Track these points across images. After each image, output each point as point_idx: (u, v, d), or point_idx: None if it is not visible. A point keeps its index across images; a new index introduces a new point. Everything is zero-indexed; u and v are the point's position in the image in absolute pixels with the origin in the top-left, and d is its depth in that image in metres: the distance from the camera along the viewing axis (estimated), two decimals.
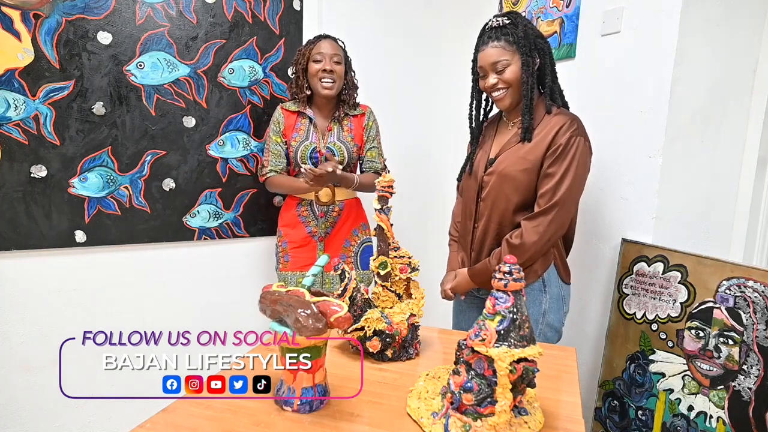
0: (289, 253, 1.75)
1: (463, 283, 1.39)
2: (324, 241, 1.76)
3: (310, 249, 1.75)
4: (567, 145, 1.22)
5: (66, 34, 1.52)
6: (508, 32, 1.26)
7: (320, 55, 1.65)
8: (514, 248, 1.26)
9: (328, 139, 1.72)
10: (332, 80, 1.66)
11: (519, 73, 1.26)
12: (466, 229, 1.42)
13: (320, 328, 0.77)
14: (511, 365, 0.71)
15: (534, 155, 1.26)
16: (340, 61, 1.68)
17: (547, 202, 1.23)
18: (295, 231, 1.75)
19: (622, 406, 1.52)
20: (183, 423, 0.80)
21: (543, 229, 1.23)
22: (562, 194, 1.22)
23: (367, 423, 0.81)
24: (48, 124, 1.53)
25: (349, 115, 1.76)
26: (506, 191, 1.29)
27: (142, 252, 1.75)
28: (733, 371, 1.25)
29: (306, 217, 1.74)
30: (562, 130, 1.23)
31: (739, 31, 1.48)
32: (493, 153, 1.37)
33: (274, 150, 1.72)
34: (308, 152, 1.69)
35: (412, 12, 2.21)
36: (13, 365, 1.58)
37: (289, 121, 1.72)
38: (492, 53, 1.26)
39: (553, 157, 1.23)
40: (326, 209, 1.73)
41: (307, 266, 1.70)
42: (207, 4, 1.72)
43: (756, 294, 1.22)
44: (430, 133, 2.36)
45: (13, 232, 1.52)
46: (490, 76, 1.29)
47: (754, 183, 1.54)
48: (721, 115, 1.52)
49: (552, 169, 1.23)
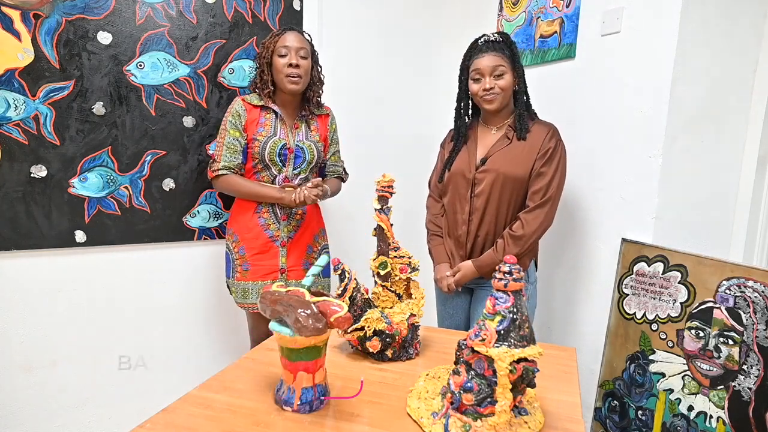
0: (249, 261, 1.60)
1: (468, 275, 1.50)
2: (287, 246, 1.63)
3: (272, 255, 1.62)
4: (555, 149, 1.44)
5: (66, 34, 1.52)
6: (503, 47, 1.45)
7: (285, 49, 1.55)
8: (517, 239, 1.43)
9: (297, 137, 1.63)
10: (298, 75, 1.56)
11: (512, 83, 1.45)
12: (458, 222, 1.54)
13: (320, 328, 0.77)
14: (511, 365, 0.71)
15: (527, 156, 1.44)
16: (306, 56, 1.58)
17: (541, 198, 1.42)
18: (252, 236, 1.60)
19: (622, 406, 1.52)
20: (183, 423, 0.80)
21: (541, 220, 1.42)
22: (553, 190, 1.43)
23: (367, 423, 0.81)
24: (48, 124, 1.53)
25: (314, 114, 1.69)
26: (502, 187, 1.45)
27: (142, 252, 1.75)
28: (733, 371, 1.25)
29: (266, 219, 1.61)
30: (548, 136, 1.45)
31: (739, 31, 1.49)
32: (481, 153, 1.52)
33: (230, 144, 1.58)
34: (277, 148, 1.58)
35: (412, 12, 2.21)
36: (13, 365, 1.58)
37: (252, 116, 1.59)
38: (493, 59, 1.43)
39: (544, 159, 1.43)
40: (289, 212, 1.62)
41: (270, 275, 1.61)
42: (207, 4, 1.72)
43: (756, 294, 1.22)
44: (429, 132, 2.35)
45: (13, 232, 1.52)
46: (487, 79, 1.44)
47: (754, 183, 1.54)
48: (721, 115, 1.52)
49: (543, 169, 1.43)
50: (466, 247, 1.53)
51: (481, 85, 1.45)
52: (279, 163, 1.60)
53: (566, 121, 1.59)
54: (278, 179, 1.61)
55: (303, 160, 1.63)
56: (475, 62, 1.45)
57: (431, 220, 1.64)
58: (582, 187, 1.72)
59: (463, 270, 1.50)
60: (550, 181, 1.42)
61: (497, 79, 1.43)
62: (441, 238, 1.60)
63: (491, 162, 1.47)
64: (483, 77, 1.44)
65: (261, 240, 1.61)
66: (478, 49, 1.46)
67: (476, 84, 1.47)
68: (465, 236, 1.52)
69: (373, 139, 2.19)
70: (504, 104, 1.48)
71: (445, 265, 1.56)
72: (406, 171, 2.21)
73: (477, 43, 1.48)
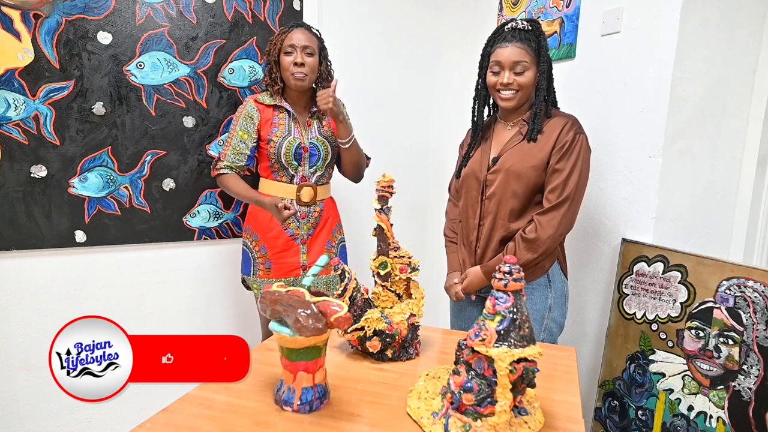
0: (271, 259, 1.64)
1: (476, 282, 1.39)
2: (307, 243, 1.66)
3: (293, 253, 1.65)
4: (573, 142, 1.28)
5: (66, 34, 1.52)
6: (530, 38, 1.30)
7: (291, 47, 1.56)
8: (530, 243, 1.28)
9: (310, 135, 1.64)
10: (303, 74, 1.56)
11: (533, 80, 1.31)
12: (469, 228, 1.43)
13: (320, 328, 0.77)
14: (511, 365, 0.71)
15: (541, 152, 1.30)
16: (312, 53, 1.58)
17: (558, 197, 1.27)
18: (274, 235, 1.63)
19: (622, 406, 1.52)
20: (183, 423, 0.80)
21: (557, 222, 1.27)
22: (571, 189, 1.26)
23: (367, 423, 0.81)
24: (48, 124, 1.53)
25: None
26: (514, 188, 1.32)
27: (142, 252, 1.75)
28: (733, 371, 1.25)
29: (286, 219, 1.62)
30: (565, 128, 1.29)
31: (739, 31, 1.48)
32: (494, 153, 1.40)
33: (237, 146, 1.59)
34: (293, 149, 1.59)
35: (412, 11, 2.21)
36: (13, 365, 1.58)
37: (266, 115, 1.61)
38: (515, 52, 1.29)
39: (560, 154, 1.28)
40: (308, 210, 1.65)
41: (292, 272, 1.65)
42: (207, 4, 1.72)
43: (756, 294, 1.22)
44: (430, 132, 2.36)
45: (13, 232, 1.52)
46: (506, 74, 1.31)
47: (754, 183, 1.54)
48: (721, 115, 1.52)
49: (560, 164, 1.28)
50: (476, 254, 1.41)
51: (498, 78, 1.32)
52: (295, 163, 1.62)
53: None
54: (296, 178, 1.63)
55: (318, 157, 1.65)
56: (497, 52, 1.31)
57: (448, 226, 1.55)
58: None
59: (470, 276, 1.39)
60: (567, 178, 1.26)
61: (517, 75, 1.30)
62: (455, 245, 1.50)
63: (502, 161, 1.35)
64: (503, 70, 1.31)
65: (282, 239, 1.63)
66: (503, 37, 1.32)
67: (494, 76, 1.33)
68: (475, 242, 1.40)
69: (373, 139, 2.18)
70: (522, 102, 1.35)
71: (455, 273, 1.47)
72: (407, 170, 2.21)
73: (503, 29, 1.34)
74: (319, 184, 1.67)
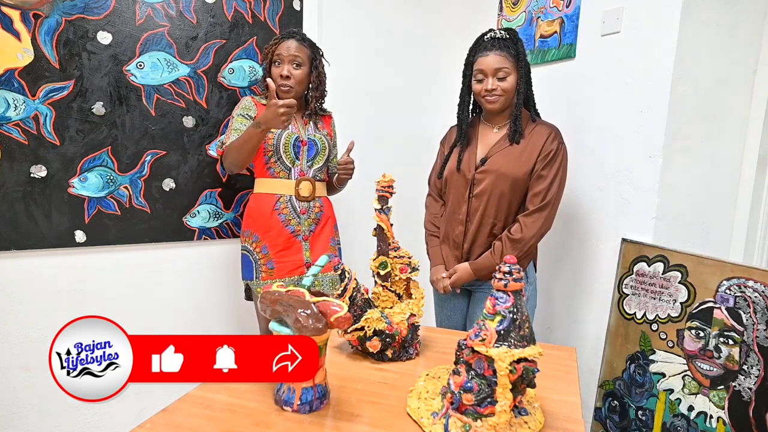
0: (273, 259, 1.60)
1: (465, 277, 1.49)
2: (309, 240, 1.64)
3: (295, 251, 1.62)
4: (557, 152, 1.41)
5: (66, 34, 1.52)
6: (509, 45, 1.41)
7: (279, 58, 1.57)
8: (515, 242, 1.41)
9: (308, 131, 1.65)
10: (289, 86, 1.57)
11: (515, 84, 1.42)
12: (453, 224, 1.52)
13: (320, 328, 0.77)
14: (511, 365, 0.71)
15: (528, 157, 1.42)
16: (301, 63, 1.58)
17: (541, 201, 1.40)
18: (275, 233, 1.60)
19: (622, 406, 1.52)
20: (183, 423, 0.80)
21: (540, 224, 1.40)
22: (553, 194, 1.41)
23: (367, 423, 0.81)
24: (48, 124, 1.53)
25: (318, 114, 1.71)
26: (502, 188, 1.43)
27: (142, 252, 1.75)
28: (734, 371, 1.25)
29: (286, 215, 1.60)
30: (550, 138, 1.42)
31: (739, 31, 1.48)
32: (481, 153, 1.49)
33: (238, 128, 1.57)
34: (292, 140, 1.59)
35: (412, 11, 2.21)
36: (13, 365, 1.58)
37: (262, 111, 1.56)
38: (496, 59, 1.39)
39: (545, 161, 1.41)
40: (308, 205, 1.62)
41: (296, 270, 1.62)
42: (207, 4, 1.72)
43: (756, 294, 1.22)
44: (428, 132, 2.35)
45: (13, 232, 1.52)
46: (490, 80, 1.41)
47: (754, 183, 1.54)
48: (721, 115, 1.52)
49: (545, 171, 1.41)
50: (462, 248, 1.51)
51: (483, 85, 1.42)
52: (293, 155, 1.61)
53: (566, 121, 1.59)
54: (294, 173, 1.62)
55: (316, 152, 1.65)
56: (479, 60, 1.42)
57: (429, 220, 1.63)
58: (582, 187, 1.72)
59: (459, 272, 1.49)
60: (550, 185, 1.40)
61: (500, 81, 1.40)
62: (438, 239, 1.59)
63: (491, 162, 1.45)
64: (486, 77, 1.41)
65: (283, 236, 1.60)
66: (483, 46, 1.43)
67: (479, 84, 1.44)
68: (462, 237, 1.50)
69: (373, 139, 2.18)
70: (507, 105, 1.45)
71: (441, 267, 1.56)
72: (406, 171, 2.21)
73: (483, 39, 1.44)
74: (317, 179, 1.66)
